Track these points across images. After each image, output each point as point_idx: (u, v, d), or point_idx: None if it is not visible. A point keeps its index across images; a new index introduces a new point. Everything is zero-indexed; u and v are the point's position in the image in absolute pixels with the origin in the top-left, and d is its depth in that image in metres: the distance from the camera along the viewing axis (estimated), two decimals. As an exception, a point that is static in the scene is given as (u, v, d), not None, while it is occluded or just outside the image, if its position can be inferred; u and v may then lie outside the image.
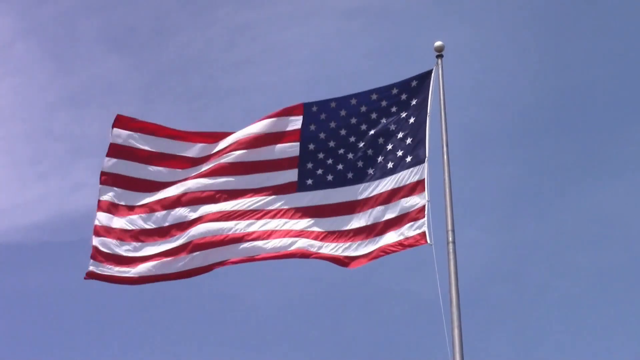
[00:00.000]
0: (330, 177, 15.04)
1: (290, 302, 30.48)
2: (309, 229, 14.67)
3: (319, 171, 15.11)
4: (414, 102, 15.10)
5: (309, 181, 15.07)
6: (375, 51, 35.48)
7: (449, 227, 13.60)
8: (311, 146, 15.27)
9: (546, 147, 34.06)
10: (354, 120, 15.29)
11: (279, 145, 15.31)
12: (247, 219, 14.91)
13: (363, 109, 15.31)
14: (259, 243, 14.67)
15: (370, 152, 15.09)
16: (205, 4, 37.77)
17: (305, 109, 15.40)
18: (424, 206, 14.12)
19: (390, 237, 14.21)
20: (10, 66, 36.62)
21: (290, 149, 15.30)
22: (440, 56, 15.19)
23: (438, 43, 15.26)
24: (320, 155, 15.20)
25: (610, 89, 35.10)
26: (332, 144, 15.26)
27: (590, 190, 33.54)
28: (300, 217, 14.83)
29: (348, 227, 14.59)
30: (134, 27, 37.15)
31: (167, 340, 30.76)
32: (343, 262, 14.37)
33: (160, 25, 37.28)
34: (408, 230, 14.08)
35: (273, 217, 14.90)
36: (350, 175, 15.00)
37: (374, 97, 15.33)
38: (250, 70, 36.10)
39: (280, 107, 15.58)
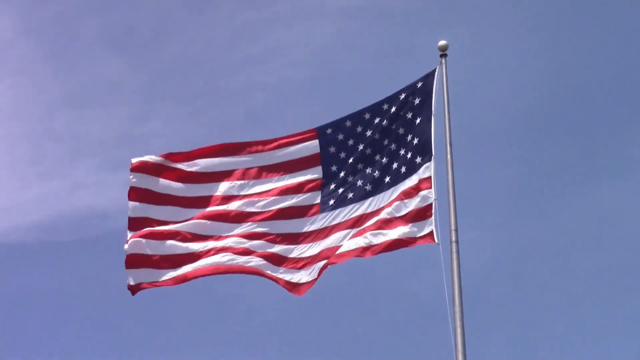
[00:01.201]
0: (350, 195, 15.05)
1: (292, 302, 30.43)
2: (333, 245, 14.66)
3: (341, 190, 15.12)
4: (419, 103, 15.08)
5: (331, 202, 15.08)
6: (376, 51, 35.51)
7: (453, 227, 13.53)
8: (334, 168, 15.31)
9: (547, 147, 34.10)
10: (369, 133, 15.31)
11: (300, 172, 15.33)
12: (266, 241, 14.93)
13: (377, 120, 15.33)
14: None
15: (385, 160, 15.10)
16: (206, 3, 37.76)
17: (319, 133, 15.44)
18: (431, 204, 14.08)
19: (397, 233, 14.19)
20: (10, 66, 36.64)
21: (312, 173, 15.32)
22: (444, 55, 15.12)
23: (442, 42, 15.16)
24: (342, 175, 15.22)
25: (610, 89, 35.16)
26: (352, 160, 15.26)
27: (590, 190, 33.58)
28: (324, 237, 14.82)
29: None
30: (134, 27, 37.16)
31: (168, 341, 30.79)
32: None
33: (160, 25, 37.29)
34: (415, 229, 14.07)
35: (287, 242, 14.90)
36: (369, 187, 15.01)
37: (385, 106, 15.34)
38: (250, 70, 36.11)
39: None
